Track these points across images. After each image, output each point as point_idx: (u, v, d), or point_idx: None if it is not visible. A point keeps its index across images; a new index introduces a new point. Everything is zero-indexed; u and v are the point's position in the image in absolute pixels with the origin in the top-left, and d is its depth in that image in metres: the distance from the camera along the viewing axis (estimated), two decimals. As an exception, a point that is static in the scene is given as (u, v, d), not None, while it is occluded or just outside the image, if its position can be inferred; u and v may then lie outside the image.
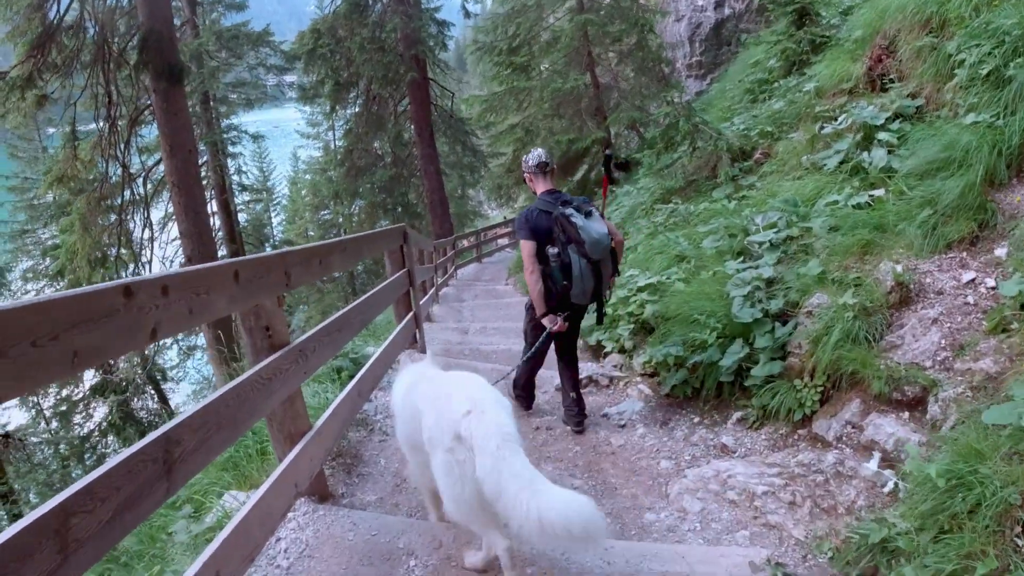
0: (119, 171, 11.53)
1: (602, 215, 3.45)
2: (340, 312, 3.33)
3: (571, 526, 1.64)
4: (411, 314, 5.40)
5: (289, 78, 19.91)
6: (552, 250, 3.33)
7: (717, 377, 3.72)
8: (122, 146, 10.68)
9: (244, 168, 22.61)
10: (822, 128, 5.38)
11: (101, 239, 11.32)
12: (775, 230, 4.05)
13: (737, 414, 3.66)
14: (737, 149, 5.90)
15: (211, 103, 17.78)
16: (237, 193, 23.18)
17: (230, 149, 21.67)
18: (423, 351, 5.30)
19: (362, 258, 4.13)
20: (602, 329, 4.96)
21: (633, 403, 4.15)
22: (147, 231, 12.09)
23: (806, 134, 5.38)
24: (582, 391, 4.08)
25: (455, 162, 21.55)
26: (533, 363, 3.87)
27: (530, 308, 3.67)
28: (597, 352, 5.13)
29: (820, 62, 6.82)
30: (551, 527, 1.65)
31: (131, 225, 11.77)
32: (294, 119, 32.24)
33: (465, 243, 18.55)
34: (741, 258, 4.21)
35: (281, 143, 35.79)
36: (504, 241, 21.30)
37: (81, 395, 16.33)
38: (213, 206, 18.21)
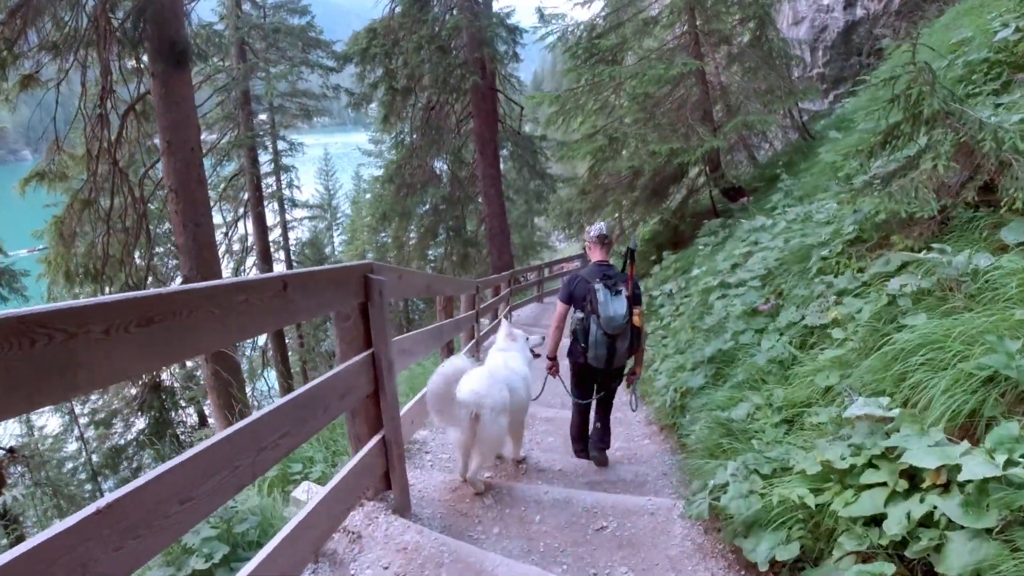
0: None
1: (629, 298, 3.59)
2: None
3: None
4: (379, 437, 2.76)
5: (346, 89, 18.34)
6: (578, 314, 3.70)
7: None
8: (113, 139, 8.83)
9: (296, 182, 21.07)
10: None
11: (90, 249, 9.49)
12: None
13: None
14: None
15: (250, 104, 16.13)
16: (289, 209, 21.80)
17: (283, 161, 20.27)
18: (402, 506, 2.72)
19: (183, 357, 1.57)
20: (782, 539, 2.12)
21: None
22: (142, 242, 10.18)
23: None
24: None
25: (521, 187, 19.22)
26: (578, 419, 4.08)
27: (571, 373, 3.93)
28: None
29: None
30: None
31: (128, 234, 9.90)
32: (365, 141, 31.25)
33: (524, 279, 15.91)
34: None
35: (356, 162, 35.05)
36: (573, 276, 18.42)
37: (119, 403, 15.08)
38: (249, 221, 16.58)
